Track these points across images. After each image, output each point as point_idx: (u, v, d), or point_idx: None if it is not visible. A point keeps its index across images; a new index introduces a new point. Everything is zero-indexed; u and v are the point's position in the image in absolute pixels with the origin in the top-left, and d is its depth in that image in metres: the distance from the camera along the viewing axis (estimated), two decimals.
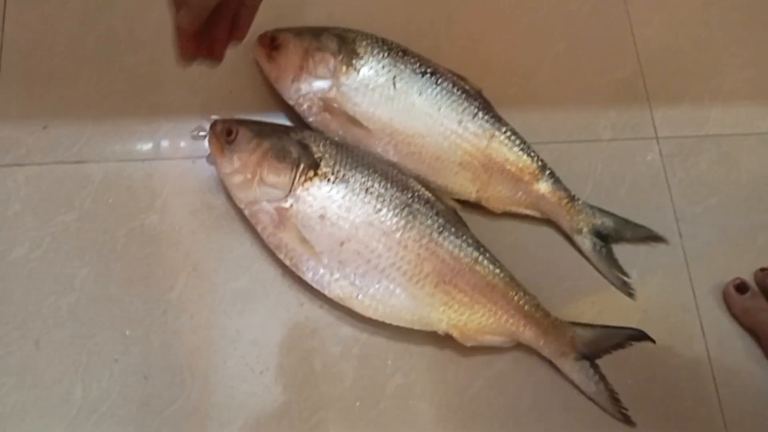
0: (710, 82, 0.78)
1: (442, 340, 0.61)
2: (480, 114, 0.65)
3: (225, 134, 0.61)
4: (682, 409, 0.64)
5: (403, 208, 0.60)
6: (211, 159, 0.65)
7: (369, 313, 0.60)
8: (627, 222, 0.68)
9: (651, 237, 0.69)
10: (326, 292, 0.60)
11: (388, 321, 0.60)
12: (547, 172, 0.66)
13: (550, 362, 0.63)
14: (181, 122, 0.67)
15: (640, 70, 0.76)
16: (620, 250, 0.68)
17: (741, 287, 0.67)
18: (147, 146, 0.66)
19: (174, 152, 0.66)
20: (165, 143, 0.66)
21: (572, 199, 0.66)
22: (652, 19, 0.79)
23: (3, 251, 0.61)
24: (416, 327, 0.60)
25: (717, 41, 0.80)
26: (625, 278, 0.67)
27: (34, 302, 0.60)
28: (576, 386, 0.63)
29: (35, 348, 0.58)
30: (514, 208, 0.67)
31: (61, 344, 0.59)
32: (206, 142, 0.65)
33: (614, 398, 0.62)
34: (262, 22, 0.68)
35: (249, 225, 0.62)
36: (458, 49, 0.74)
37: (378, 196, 0.60)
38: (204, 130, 0.67)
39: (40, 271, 0.61)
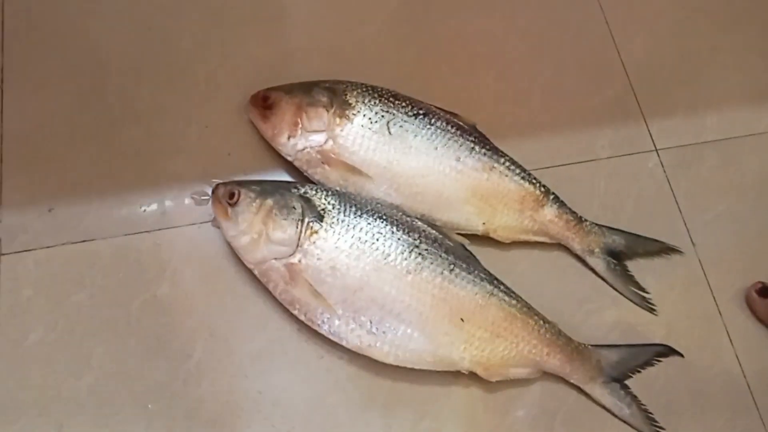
0: (701, 89, 0.78)
1: (467, 379, 0.60)
2: (476, 148, 0.66)
3: (227, 197, 0.62)
4: (721, 421, 0.63)
5: (412, 251, 0.60)
6: (216, 222, 0.65)
7: (389, 360, 0.59)
8: (638, 237, 0.68)
9: (664, 249, 0.69)
10: (344, 343, 0.60)
11: (409, 366, 0.60)
12: (551, 196, 0.66)
13: (579, 389, 0.62)
14: (183, 189, 0.68)
15: (630, 87, 0.77)
16: (635, 266, 0.68)
17: (763, 291, 0.66)
18: (152, 217, 0.67)
19: (179, 219, 0.67)
20: (169, 212, 0.67)
21: (580, 220, 0.66)
22: (635, 36, 0.81)
23: (19, 337, 0.61)
24: (439, 368, 0.60)
25: (701, 50, 0.81)
26: (644, 294, 0.66)
27: (54, 386, 0.59)
28: (608, 410, 0.61)
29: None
30: (523, 237, 0.67)
31: (84, 426, 0.58)
32: (210, 206, 0.65)
33: (649, 418, 0.61)
34: (251, 81, 0.71)
35: (260, 284, 0.62)
36: (448, 86, 0.75)
37: (385, 241, 0.60)
38: (206, 194, 0.68)
39: (56, 353, 0.61)
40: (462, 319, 0.59)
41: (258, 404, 0.60)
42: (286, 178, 0.68)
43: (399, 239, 0.60)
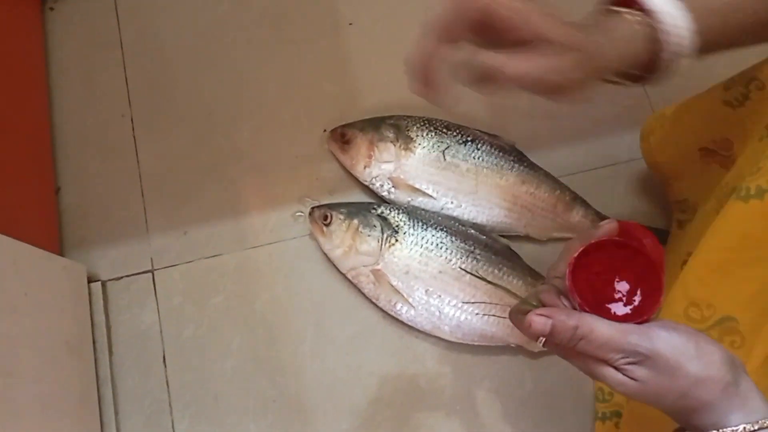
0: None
1: (514, 350, 0.78)
2: (516, 165, 0.81)
3: (322, 219, 0.80)
4: None
5: (468, 256, 0.77)
6: (312, 236, 0.83)
7: (454, 339, 0.78)
8: (656, 229, 0.82)
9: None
10: (418, 327, 0.78)
11: (468, 342, 0.78)
12: (578, 201, 0.82)
13: None
14: (284, 210, 0.86)
15: (645, 93, 0.90)
16: None
17: None
18: (263, 233, 0.85)
19: (284, 234, 0.85)
20: (276, 229, 0.85)
21: (602, 219, 0.81)
22: None
23: (177, 333, 0.82)
24: (492, 344, 0.78)
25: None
26: None
27: (207, 368, 0.80)
28: None
29: (215, 401, 0.79)
30: (556, 234, 0.82)
31: (232, 395, 0.79)
32: (307, 223, 0.83)
33: None
34: (329, 117, 0.88)
35: (352, 284, 0.81)
36: (488, 108, 0.90)
37: (447, 249, 0.77)
38: (301, 212, 0.86)
39: (205, 344, 0.81)
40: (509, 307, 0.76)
41: (357, 375, 0.79)
42: (364, 197, 0.86)
43: (457, 246, 0.77)
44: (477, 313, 0.76)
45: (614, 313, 0.45)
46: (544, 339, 0.45)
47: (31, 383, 0.66)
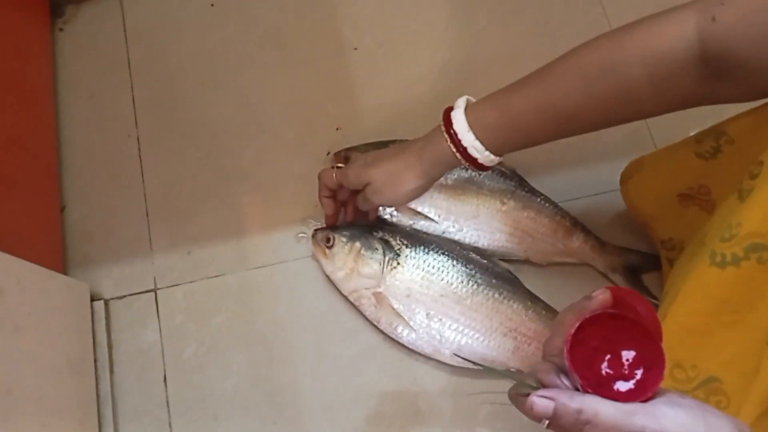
0: (710, 121, 0.91)
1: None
2: (517, 191, 0.82)
3: (325, 241, 0.80)
4: None
5: (469, 280, 0.77)
6: (314, 257, 0.84)
7: (454, 362, 0.78)
8: (652, 255, 0.83)
9: None
10: (419, 350, 0.79)
11: (468, 366, 0.78)
12: (579, 227, 0.82)
13: None
14: (286, 230, 0.87)
15: (644, 122, 0.91)
16: (649, 279, 0.83)
17: None
18: (265, 254, 0.86)
19: (286, 255, 0.86)
20: (278, 250, 0.86)
21: (602, 245, 0.82)
22: None
23: (178, 352, 0.82)
24: (493, 367, 0.78)
25: None
26: (656, 302, 0.82)
27: (208, 387, 0.81)
28: None
29: (215, 421, 0.79)
30: (556, 259, 0.83)
31: (233, 416, 0.79)
32: (309, 244, 0.84)
33: None
34: (331, 139, 0.89)
35: (353, 306, 0.81)
36: None
37: (448, 273, 0.78)
38: (304, 233, 0.87)
39: (206, 363, 0.82)
40: (510, 330, 0.77)
41: (357, 397, 0.80)
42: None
43: (458, 270, 0.78)
44: (477, 338, 0.76)
45: (617, 389, 0.43)
46: (547, 421, 0.44)
47: (32, 401, 0.67)
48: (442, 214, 0.82)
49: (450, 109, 0.67)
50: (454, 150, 0.66)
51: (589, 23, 0.97)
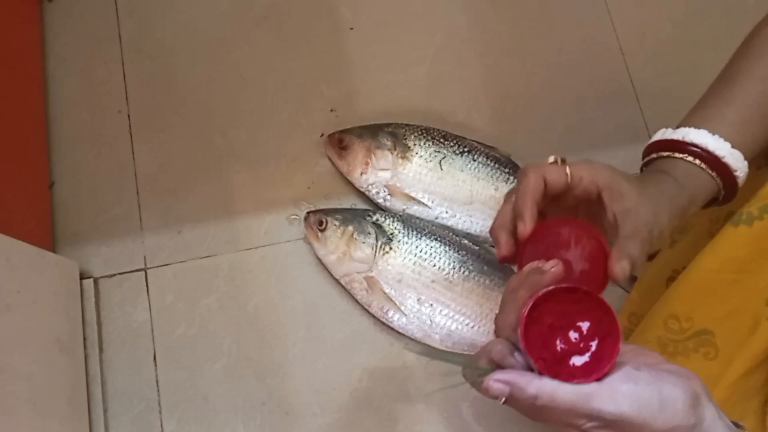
0: None
1: None
2: (511, 178, 0.82)
3: (317, 224, 0.80)
4: None
5: (461, 266, 0.78)
6: (306, 240, 0.84)
7: (443, 347, 0.79)
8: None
9: None
10: (409, 334, 0.79)
11: (458, 350, 0.79)
12: None
13: None
14: (279, 212, 0.86)
15: (640, 112, 0.91)
16: None
17: None
18: (257, 236, 0.85)
19: (278, 237, 0.85)
20: (270, 231, 0.86)
21: None
22: (646, 66, 0.94)
23: (168, 332, 0.82)
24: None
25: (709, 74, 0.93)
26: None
27: (198, 367, 0.81)
28: None
29: (204, 402, 0.80)
30: None
31: (222, 396, 0.80)
32: (301, 227, 0.84)
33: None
34: (325, 120, 0.88)
35: (344, 289, 0.81)
36: (486, 119, 0.91)
37: (440, 259, 0.78)
38: (296, 215, 0.86)
39: (197, 343, 0.82)
40: None
41: (347, 380, 0.80)
42: (360, 203, 0.86)
43: (450, 256, 0.78)
44: (467, 323, 0.77)
45: (574, 365, 0.44)
46: (504, 398, 0.45)
47: (21, 380, 0.66)
48: (436, 199, 0.81)
49: (659, 141, 0.59)
50: (705, 166, 0.55)
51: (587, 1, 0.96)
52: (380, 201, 0.83)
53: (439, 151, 0.82)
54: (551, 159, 0.53)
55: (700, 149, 0.55)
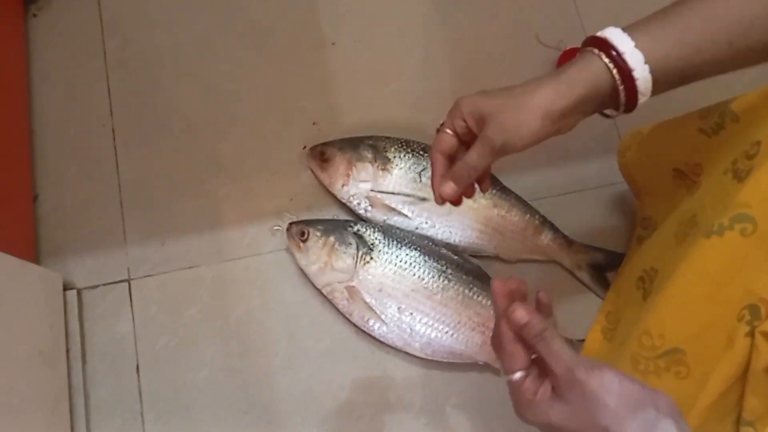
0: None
1: (482, 368, 0.81)
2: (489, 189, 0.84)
3: (299, 235, 0.81)
4: None
5: (440, 276, 0.79)
6: (289, 250, 0.85)
7: (423, 355, 0.80)
8: (616, 253, 0.85)
9: None
10: (390, 343, 0.81)
11: (437, 359, 0.80)
12: (547, 225, 0.85)
13: None
14: (261, 224, 0.88)
15: (614, 124, 0.94)
16: (614, 276, 0.86)
17: None
18: (239, 247, 0.87)
19: (260, 248, 0.87)
20: (252, 242, 0.87)
21: (570, 243, 0.85)
22: None
23: (151, 343, 0.83)
24: (459, 361, 0.80)
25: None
26: None
27: (180, 378, 0.81)
28: None
29: (187, 412, 0.80)
30: (525, 256, 0.85)
31: (205, 406, 0.80)
32: (284, 237, 0.85)
33: None
34: (307, 134, 0.90)
35: (326, 299, 0.82)
36: None
37: (420, 268, 0.79)
38: (279, 226, 0.87)
39: (179, 354, 0.82)
40: (479, 325, 0.79)
41: (329, 388, 0.81)
42: (341, 214, 0.88)
43: (430, 266, 0.80)
44: (447, 332, 0.79)
45: None
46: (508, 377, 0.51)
47: (3, 391, 0.67)
48: (416, 210, 0.83)
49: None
50: (607, 61, 0.52)
51: (563, 19, 0.99)
52: (361, 212, 0.84)
53: (418, 163, 0.83)
54: (437, 130, 0.60)
55: (602, 40, 0.53)
